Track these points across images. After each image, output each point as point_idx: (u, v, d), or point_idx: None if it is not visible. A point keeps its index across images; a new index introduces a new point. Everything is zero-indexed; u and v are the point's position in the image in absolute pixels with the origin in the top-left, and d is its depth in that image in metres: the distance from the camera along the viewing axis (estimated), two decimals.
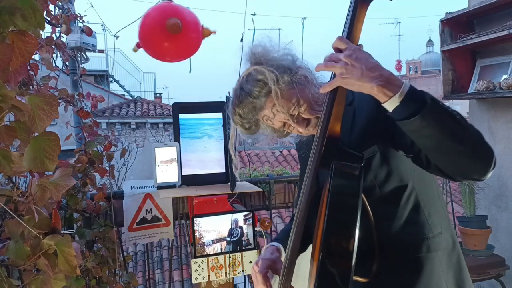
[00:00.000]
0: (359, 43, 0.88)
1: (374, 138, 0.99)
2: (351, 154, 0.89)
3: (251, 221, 1.85)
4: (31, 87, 1.37)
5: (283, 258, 1.17)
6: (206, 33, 1.74)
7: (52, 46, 1.71)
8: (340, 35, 0.89)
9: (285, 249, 1.16)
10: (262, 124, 1.11)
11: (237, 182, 1.91)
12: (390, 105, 0.82)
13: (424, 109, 0.78)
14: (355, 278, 0.79)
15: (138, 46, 1.70)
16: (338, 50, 0.88)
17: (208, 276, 1.79)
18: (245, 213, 1.85)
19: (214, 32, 1.76)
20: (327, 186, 0.84)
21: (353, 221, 0.78)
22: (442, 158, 0.87)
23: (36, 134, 0.73)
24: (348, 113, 1.01)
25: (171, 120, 2.30)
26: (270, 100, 1.03)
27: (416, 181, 1.02)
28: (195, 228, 1.75)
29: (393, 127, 0.92)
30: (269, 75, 1.01)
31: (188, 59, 1.93)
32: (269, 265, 1.14)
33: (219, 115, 2.00)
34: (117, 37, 1.96)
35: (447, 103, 0.98)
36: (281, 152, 9.77)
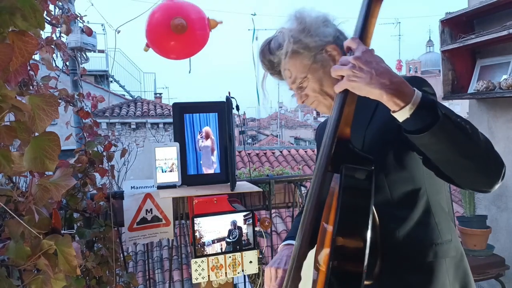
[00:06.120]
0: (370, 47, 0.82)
1: (391, 135, 0.94)
2: (362, 157, 0.85)
3: (251, 221, 1.84)
4: (31, 87, 1.37)
5: None
6: (213, 24, 1.75)
7: (52, 46, 1.71)
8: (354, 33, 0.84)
9: None
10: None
11: (237, 182, 1.91)
12: (400, 115, 0.79)
13: (435, 125, 0.75)
14: None
15: (147, 45, 1.71)
16: (349, 49, 0.83)
17: (208, 276, 1.79)
18: (245, 213, 1.85)
19: (221, 22, 1.77)
20: (336, 189, 0.81)
21: (365, 225, 0.76)
22: (450, 170, 0.85)
23: (36, 134, 0.73)
24: (370, 104, 0.95)
25: (171, 120, 2.29)
26: (284, 63, 1.05)
27: (428, 185, 0.98)
28: (195, 228, 1.74)
29: None
30: (287, 45, 1.02)
31: (189, 58, 1.92)
32: None
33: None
34: (119, 32, 1.96)
35: (446, 103, 0.96)
36: (281, 152, 9.78)
